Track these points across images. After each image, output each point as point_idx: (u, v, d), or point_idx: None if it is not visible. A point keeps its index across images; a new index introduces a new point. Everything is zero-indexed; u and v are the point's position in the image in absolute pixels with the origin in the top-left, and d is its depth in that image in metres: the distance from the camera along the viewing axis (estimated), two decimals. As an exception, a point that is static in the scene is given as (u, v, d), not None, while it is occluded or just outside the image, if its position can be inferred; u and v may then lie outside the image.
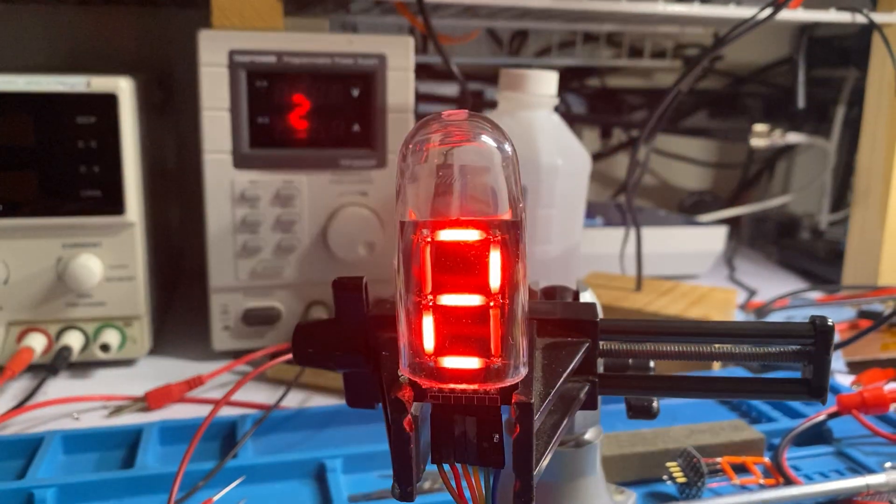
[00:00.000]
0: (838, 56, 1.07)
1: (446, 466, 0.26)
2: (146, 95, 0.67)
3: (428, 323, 0.24)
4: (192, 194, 0.83)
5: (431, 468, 0.27)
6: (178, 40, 0.90)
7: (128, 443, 0.50)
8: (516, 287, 0.24)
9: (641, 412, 0.33)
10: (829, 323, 0.29)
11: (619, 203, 1.08)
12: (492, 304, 0.24)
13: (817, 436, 0.52)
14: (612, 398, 0.35)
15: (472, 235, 0.24)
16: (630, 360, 0.34)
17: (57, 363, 0.59)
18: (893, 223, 0.80)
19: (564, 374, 0.28)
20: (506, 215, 0.24)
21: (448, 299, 0.24)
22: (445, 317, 0.24)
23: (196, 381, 0.58)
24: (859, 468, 0.48)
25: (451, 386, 0.24)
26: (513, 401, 0.24)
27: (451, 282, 0.24)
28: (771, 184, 1.22)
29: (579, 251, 0.65)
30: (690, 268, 0.91)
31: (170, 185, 0.86)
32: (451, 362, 0.25)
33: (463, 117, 0.23)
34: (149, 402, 0.56)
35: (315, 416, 0.53)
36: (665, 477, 0.45)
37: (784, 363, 0.30)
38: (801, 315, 0.78)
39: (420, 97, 1.07)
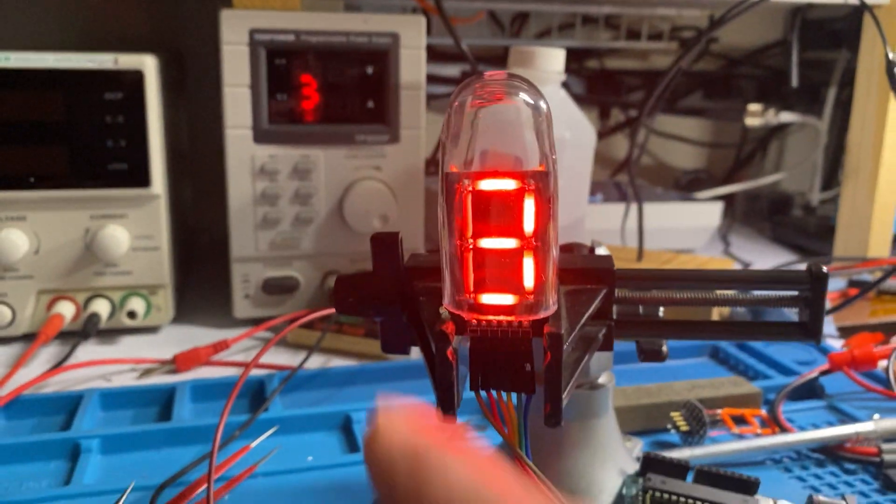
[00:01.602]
0: (830, 39, 1.10)
1: (483, 394, 0.29)
2: (167, 73, 0.69)
3: (469, 264, 0.27)
4: (205, 173, 0.86)
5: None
6: (190, 21, 0.93)
7: (162, 400, 0.53)
8: (547, 231, 0.27)
9: (652, 355, 0.36)
10: (824, 270, 0.33)
11: (617, 181, 1.11)
12: (525, 246, 0.27)
13: (810, 391, 0.55)
14: (623, 356, 0.38)
15: (508, 185, 0.27)
16: (640, 309, 0.37)
17: (88, 329, 0.62)
18: (882, 198, 0.83)
19: (586, 315, 0.31)
20: (539, 167, 0.27)
21: (487, 242, 0.27)
22: (484, 258, 0.27)
23: (222, 345, 0.61)
24: (849, 420, 0.52)
25: (489, 317, 0.28)
26: (545, 331, 0.27)
27: (490, 227, 0.27)
28: (764, 163, 1.26)
29: (583, 224, 0.68)
30: (687, 242, 0.94)
31: (184, 165, 0.88)
32: (489, 298, 0.28)
33: (502, 77, 0.26)
34: (177, 364, 0.59)
35: (338, 375, 0.56)
36: (669, 426, 0.48)
37: (782, 307, 0.33)
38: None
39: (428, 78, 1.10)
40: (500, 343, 0.28)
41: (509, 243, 0.27)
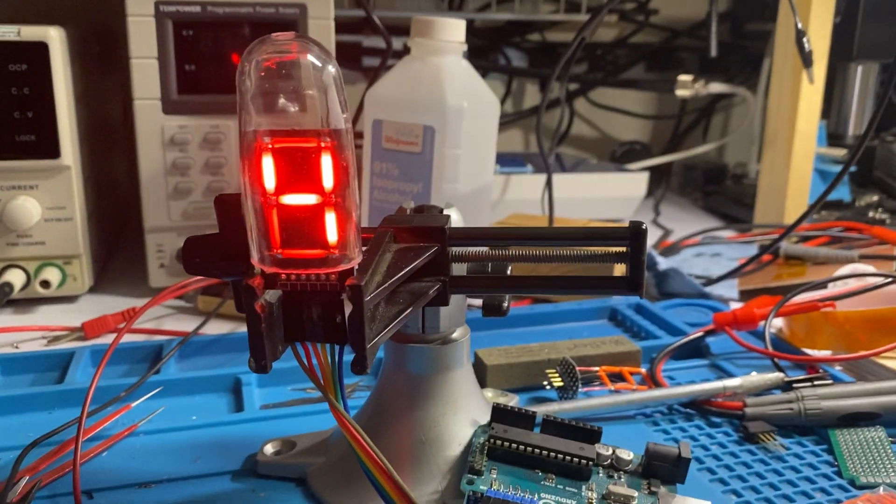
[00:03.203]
0: (768, 9, 1.12)
1: (298, 346, 0.31)
2: (81, 46, 0.70)
3: (273, 220, 0.29)
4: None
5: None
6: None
7: (61, 365, 0.54)
8: (346, 186, 0.28)
9: (493, 310, 0.38)
10: (643, 227, 0.34)
11: (558, 153, 1.12)
12: (325, 202, 0.28)
13: (695, 351, 0.57)
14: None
15: (305, 143, 0.28)
16: (489, 267, 0.39)
17: (-2, 298, 0.63)
18: (797, 165, 0.85)
19: (405, 270, 0.32)
20: (335, 125, 0.28)
21: (289, 199, 0.29)
22: (287, 214, 0.29)
23: (130, 313, 0.62)
24: (727, 377, 0.54)
25: (297, 271, 0.29)
26: (346, 283, 0.29)
27: (291, 183, 0.28)
28: (707, 135, 1.27)
29: (488, 191, 0.69)
30: (616, 212, 0.96)
31: (115, 137, 0.89)
32: (294, 253, 0.29)
33: (290, 37, 0.27)
34: (85, 331, 0.60)
35: (235, 341, 0.57)
36: (545, 383, 0.50)
37: (606, 262, 0.35)
38: (709, 251, 0.84)
39: (366, 51, 1.11)
40: (309, 296, 0.30)
41: (310, 199, 0.28)
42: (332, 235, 0.29)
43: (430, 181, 0.62)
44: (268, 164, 0.28)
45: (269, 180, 0.28)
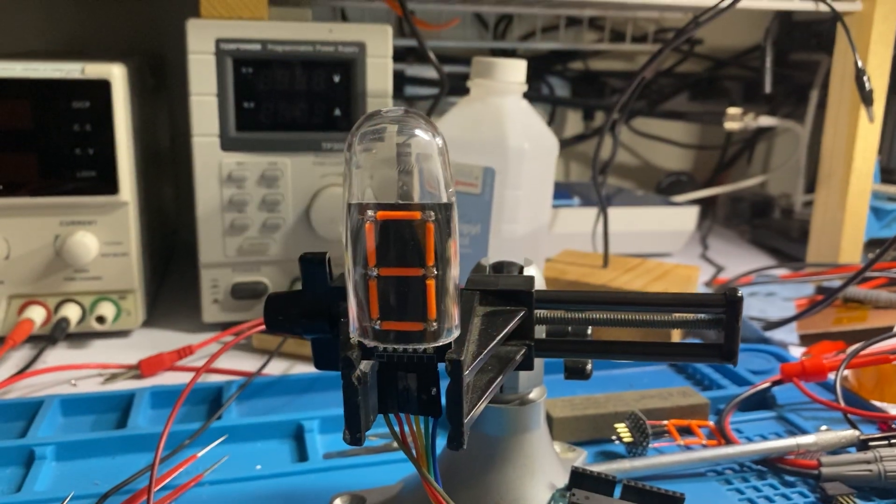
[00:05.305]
0: (815, 40, 1.10)
1: (392, 417, 0.30)
2: (139, 80, 0.70)
3: (373, 292, 0.28)
4: (185, 173, 0.87)
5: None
6: (170, 27, 0.93)
7: (121, 406, 0.54)
8: (448, 261, 0.28)
9: (576, 373, 0.37)
10: (739, 294, 0.33)
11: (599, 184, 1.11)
12: (427, 275, 0.28)
13: (761, 402, 0.56)
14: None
15: (410, 216, 0.27)
16: (570, 328, 0.38)
17: (56, 334, 0.63)
18: (853, 204, 0.83)
19: (497, 338, 0.31)
20: (439, 199, 0.27)
21: (389, 271, 0.28)
22: (387, 286, 0.28)
23: (186, 351, 0.62)
24: (797, 431, 0.52)
25: (394, 346, 0.28)
26: (446, 357, 0.28)
27: (392, 256, 0.28)
28: (750, 166, 1.26)
29: (545, 230, 0.69)
30: (664, 246, 0.94)
31: (163, 165, 0.89)
32: (392, 326, 0.28)
33: (400, 113, 0.27)
34: (142, 369, 0.60)
35: (295, 382, 0.57)
36: (614, 437, 0.49)
37: (699, 329, 0.34)
38: (763, 291, 0.82)
39: (409, 80, 1.11)
40: (405, 368, 0.29)
41: (411, 272, 0.28)
42: (431, 309, 0.28)
43: (489, 222, 0.61)
44: (371, 237, 0.27)
45: (372, 252, 0.28)
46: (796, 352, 0.66)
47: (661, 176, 1.23)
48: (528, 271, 0.38)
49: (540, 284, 0.37)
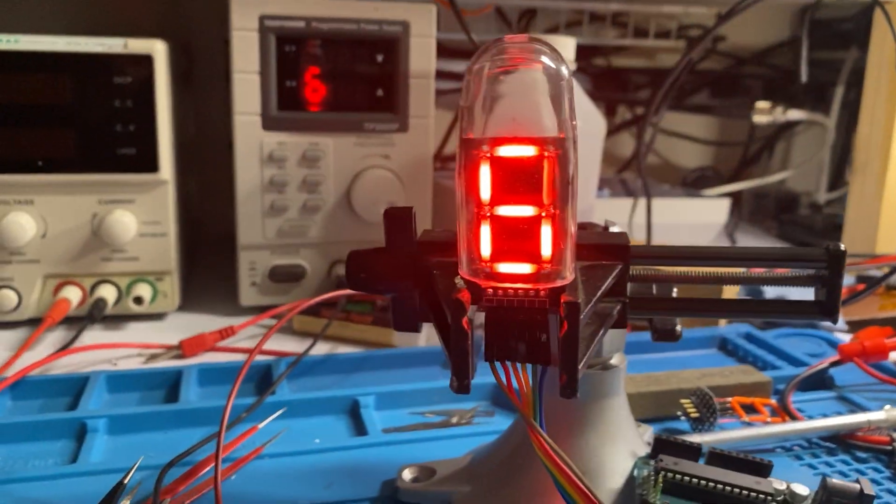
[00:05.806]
0: (837, 38, 1.10)
1: (498, 364, 0.29)
2: (174, 62, 0.69)
3: (485, 232, 0.27)
4: (210, 166, 0.86)
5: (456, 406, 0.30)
6: (197, 14, 0.92)
7: (168, 384, 0.53)
8: (566, 199, 0.27)
9: (666, 335, 0.36)
10: (842, 248, 0.32)
11: (623, 178, 1.11)
12: (544, 214, 0.27)
13: (820, 382, 0.55)
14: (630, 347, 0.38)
15: (527, 151, 0.26)
16: (654, 289, 0.37)
17: (94, 314, 0.61)
18: (890, 194, 0.83)
19: (602, 289, 0.30)
20: (559, 134, 0.26)
21: (504, 210, 0.27)
22: (501, 226, 0.27)
23: (228, 332, 0.60)
24: (860, 410, 0.51)
25: (506, 285, 0.27)
26: (561, 300, 0.27)
27: (508, 194, 0.27)
28: (771, 161, 1.25)
29: (591, 214, 0.68)
30: (693, 239, 0.93)
31: (189, 157, 0.88)
32: (505, 267, 0.27)
33: (524, 40, 0.26)
34: (183, 349, 0.58)
35: (345, 361, 0.56)
36: (679, 413, 0.48)
37: (798, 285, 0.33)
38: (801, 281, 0.81)
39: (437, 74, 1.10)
40: (516, 312, 0.28)
41: (527, 211, 0.27)
42: (546, 250, 0.27)
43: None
44: (485, 173, 0.26)
45: (486, 190, 0.27)
46: (844, 337, 0.65)
47: (681, 172, 1.22)
48: (613, 229, 0.37)
49: (627, 243, 0.35)
